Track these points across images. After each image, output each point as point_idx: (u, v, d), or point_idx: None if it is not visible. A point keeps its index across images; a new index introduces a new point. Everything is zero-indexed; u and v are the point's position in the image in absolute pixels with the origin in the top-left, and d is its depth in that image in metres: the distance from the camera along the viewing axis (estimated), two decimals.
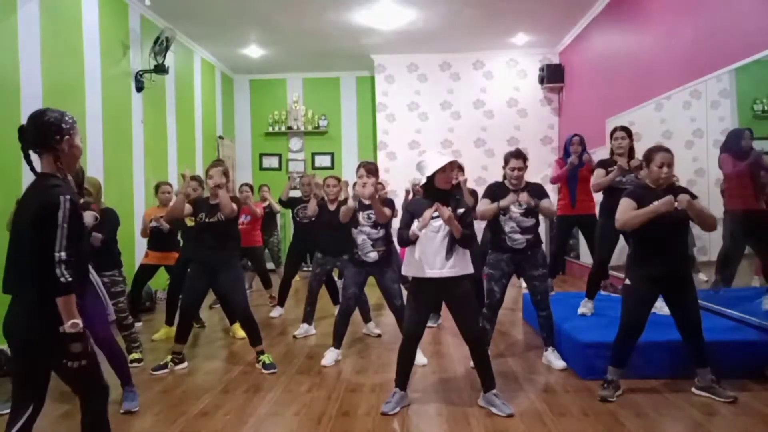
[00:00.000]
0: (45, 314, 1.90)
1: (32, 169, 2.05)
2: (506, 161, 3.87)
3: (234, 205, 3.96)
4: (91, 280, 3.35)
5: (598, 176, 4.32)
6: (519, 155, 3.83)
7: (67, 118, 2.07)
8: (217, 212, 3.93)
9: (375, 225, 3.99)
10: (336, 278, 5.60)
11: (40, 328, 1.92)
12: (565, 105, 8.84)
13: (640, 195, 3.24)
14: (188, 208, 3.99)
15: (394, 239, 4.45)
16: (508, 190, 3.85)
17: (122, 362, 3.34)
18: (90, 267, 3.38)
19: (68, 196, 1.93)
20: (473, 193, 4.93)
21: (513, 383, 3.58)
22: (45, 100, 4.91)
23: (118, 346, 3.34)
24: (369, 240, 3.99)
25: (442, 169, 3.08)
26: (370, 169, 3.96)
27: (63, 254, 1.88)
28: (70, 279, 1.89)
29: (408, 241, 3.15)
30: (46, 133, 2.03)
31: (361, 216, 3.99)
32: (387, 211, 3.90)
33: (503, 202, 3.76)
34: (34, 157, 2.09)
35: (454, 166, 3.16)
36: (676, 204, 3.05)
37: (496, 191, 3.90)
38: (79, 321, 1.92)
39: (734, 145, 4.13)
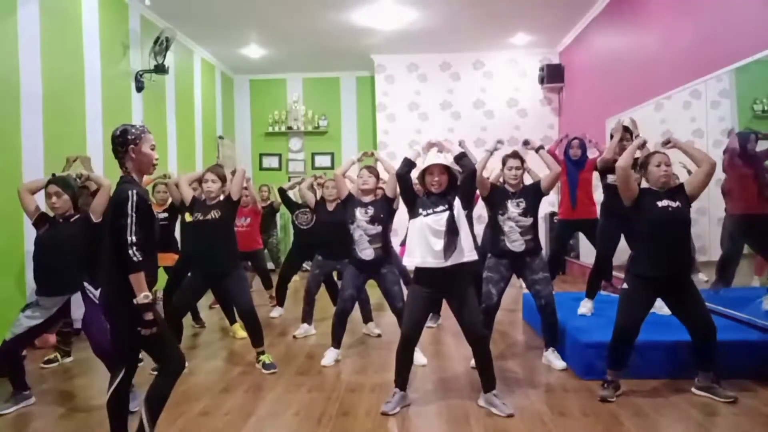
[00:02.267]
0: (120, 292, 2.29)
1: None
2: (503, 162, 3.89)
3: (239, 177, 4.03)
4: (89, 297, 3.35)
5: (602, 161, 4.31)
6: (516, 155, 3.86)
7: (133, 131, 2.44)
8: (212, 210, 3.92)
9: (372, 220, 3.98)
10: (337, 279, 5.59)
11: (116, 303, 2.33)
12: (565, 105, 8.84)
13: (642, 194, 3.26)
14: (188, 192, 4.01)
15: (393, 239, 4.46)
16: (507, 191, 3.85)
17: None
18: (87, 284, 3.37)
19: (135, 191, 2.32)
20: None
21: (513, 383, 3.58)
22: (45, 100, 4.91)
23: None
24: (366, 236, 3.99)
25: (429, 172, 3.12)
26: (372, 170, 4.09)
27: (133, 237, 2.28)
28: (140, 258, 2.28)
29: (408, 163, 3.22)
30: (114, 145, 2.43)
31: (358, 212, 3.99)
32: (389, 166, 4.01)
33: (489, 146, 3.94)
34: None
35: (433, 171, 3.14)
36: (670, 141, 3.23)
37: (495, 192, 3.90)
38: (149, 294, 2.30)
39: (738, 147, 4.12)
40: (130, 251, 2.26)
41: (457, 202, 3.08)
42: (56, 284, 3.30)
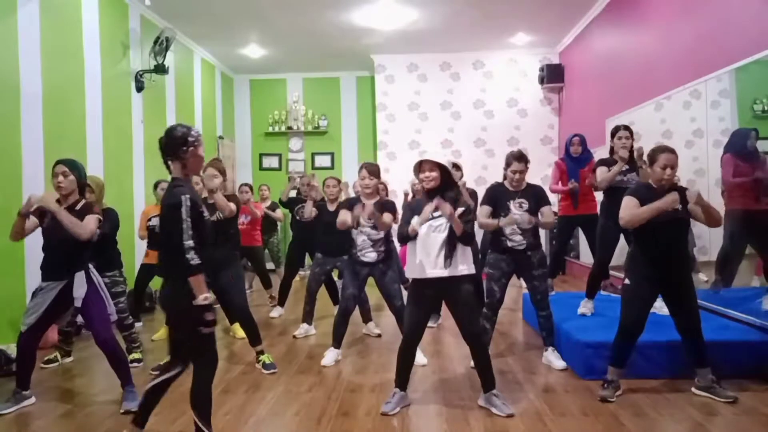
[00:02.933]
0: (185, 291, 2.37)
1: (169, 173, 2.57)
2: (508, 163, 3.86)
3: (233, 205, 3.96)
4: (93, 281, 3.35)
5: (601, 173, 4.31)
6: (521, 158, 3.82)
7: (193, 132, 2.53)
8: (216, 211, 3.93)
9: (375, 226, 3.98)
10: (336, 278, 5.60)
11: (182, 301, 2.39)
12: (565, 105, 8.84)
13: (643, 194, 3.25)
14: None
15: (394, 239, 4.45)
16: (509, 191, 3.85)
17: (123, 363, 3.33)
18: (91, 267, 3.38)
19: (188, 196, 2.41)
20: (473, 194, 4.93)
21: (513, 383, 3.58)
22: (45, 100, 4.92)
23: (119, 347, 3.34)
24: (369, 240, 4.00)
25: (422, 170, 3.11)
26: (372, 170, 4.00)
27: (190, 242, 2.37)
28: (198, 262, 2.37)
29: (407, 237, 3.14)
30: (172, 146, 2.51)
31: (361, 216, 3.99)
32: (388, 218, 3.83)
33: (503, 222, 3.78)
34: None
35: (424, 167, 3.12)
36: (692, 201, 3.09)
37: (496, 194, 3.89)
38: (209, 295, 2.39)
39: (739, 146, 4.12)
40: (188, 255, 2.35)
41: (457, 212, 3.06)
42: (60, 268, 3.28)
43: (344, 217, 3.97)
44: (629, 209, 3.21)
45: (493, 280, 3.88)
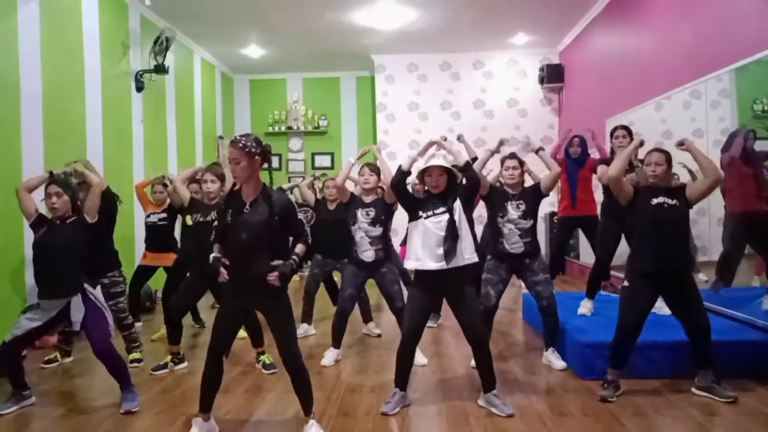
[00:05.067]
0: None
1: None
2: (501, 163, 3.91)
3: None
4: (92, 300, 3.31)
5: (603, 171, 4.28)
6: (513, 156, 3.89)
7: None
8: (212, 212, 3.92)
9: (373, 222, 3.99)
10: (338, 279, 5.59)
11: None
12: (565, 105, 8.84)
13: (639, 192, 3.28)
14: (185, 192, 4.01)
15: (393, 239, 4.45)
16: (507, 193, 3.85)
17: (122, 370, 3.27)
18: (86, 284, 3.32)
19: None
20: None
21: (513, 383, 3.58)
22: (45, 100, 4.91)
23: (117, 356, 3.28)
24: (367, 237, 3.99)
25: (428, 173, 3.11)
26: (373, 168, 4.07)
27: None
28: (216, 255, 2.86)
29: (402, 173, 3.23)
30: None
31: (360, 213, 4.00)
32: (388, 172, 3.86)
33: (492, 146, 3.92)
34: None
35: (432, 172, 3.14)
36: (684, 144, 3.21)
37: (494, 195, 3.90)
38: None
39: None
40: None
41: (457, 205, 3.08)
42: (56, 287, 3.23)
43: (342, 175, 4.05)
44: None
45: (490, 285, 3.84)
